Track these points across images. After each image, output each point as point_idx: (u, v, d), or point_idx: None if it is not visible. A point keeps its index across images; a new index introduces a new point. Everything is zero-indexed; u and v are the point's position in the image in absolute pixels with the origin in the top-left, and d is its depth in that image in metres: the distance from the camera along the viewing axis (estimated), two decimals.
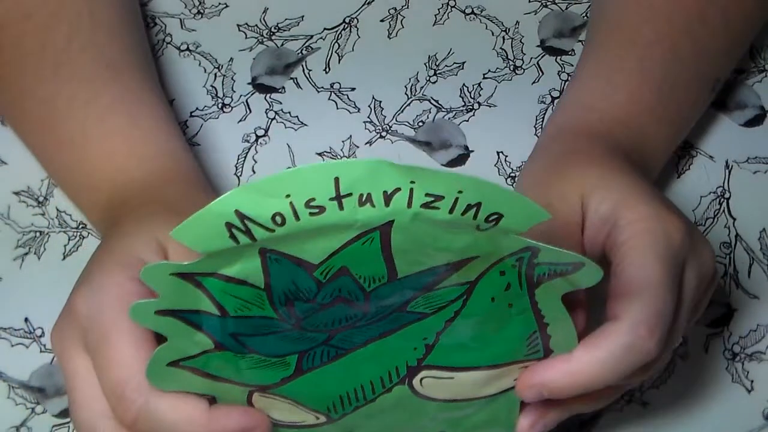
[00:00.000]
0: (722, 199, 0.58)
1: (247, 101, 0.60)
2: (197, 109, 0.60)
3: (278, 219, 0.34)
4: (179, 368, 0.39)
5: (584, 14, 0.63)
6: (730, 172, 0.59)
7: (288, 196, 0.33)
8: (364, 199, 0.33)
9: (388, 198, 0.34)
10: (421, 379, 0.41)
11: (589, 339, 0.41)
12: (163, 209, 0.46)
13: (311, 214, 0.34)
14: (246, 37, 0.62)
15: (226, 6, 0.63)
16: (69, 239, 0.56)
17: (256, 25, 0.62)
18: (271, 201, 0.33)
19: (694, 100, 0.56)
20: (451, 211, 0.34)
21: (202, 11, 0.63)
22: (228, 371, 0.39)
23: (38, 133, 0.52)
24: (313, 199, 0.33)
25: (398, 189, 0.33)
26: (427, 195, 0.34)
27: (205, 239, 0.34)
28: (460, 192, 0.34)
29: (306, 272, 0.36)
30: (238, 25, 0.62)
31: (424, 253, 0.36)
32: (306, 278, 0.36)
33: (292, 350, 0.39)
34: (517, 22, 0.63)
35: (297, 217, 0.34)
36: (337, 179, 0.33)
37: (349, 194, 0.33)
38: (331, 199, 0.33)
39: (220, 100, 0.60)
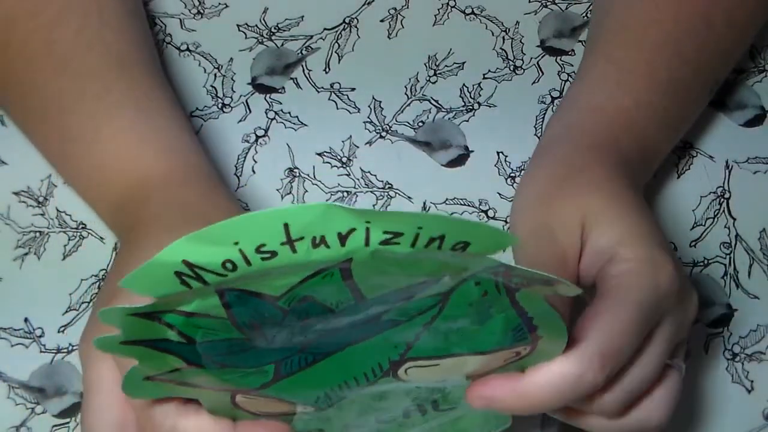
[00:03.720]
0: (722, 199, 0.58)
1: (247, 101, 0.60)
2: (197, 109, 0.60)
3: (229, 265, 0.33)
4: (156, 381, 0.38)
5: (584, 14, 0.63)
6: (730, 172, 0.59)
7: (236, 243, 0.32)
8: (317, 241, 0.33)
9: (343, 238, 0.33)
10: (406, 370, 0.40)
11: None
12: (185, 219, 0.46)
13: (263, 258, 0.33)
14: (246, 37, 0.62)
15: (226, 6, 0.63)
16: (69, 239, 0.56)
17: (256, 25, 0.62)
18: (219, 249, 0.33)
19: (694, 102, 0.56)
20: (412, 245, 0.33)
21: (202, 11, 0.63)
22: (207, 381, 0.39)
23: (47, 130, 0.52)
24: (264, 245, 0.33)
25: (353, 229, 0.33)
26: (385, 233, 0.33)
27: (155, 287, 0.34)
28: (420, 228, 0.33)
29: (268, 303, 0.36)
30: (238, 25, 0.62)
31: (391, 280, 0.35)
32: (269, 307, 0.36)
33: (268, 360, 0.38)
34: (517, 22, 0.63)
35: (248, 263, 0.33)
36: (286, 225, 0.32)
37: (301, 238, 0.32)
38: (282, 243, 0.33)
39: (220, 100, 0.60)
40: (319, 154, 0.59)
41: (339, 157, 0.58)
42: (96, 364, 0.42)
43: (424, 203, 0.57)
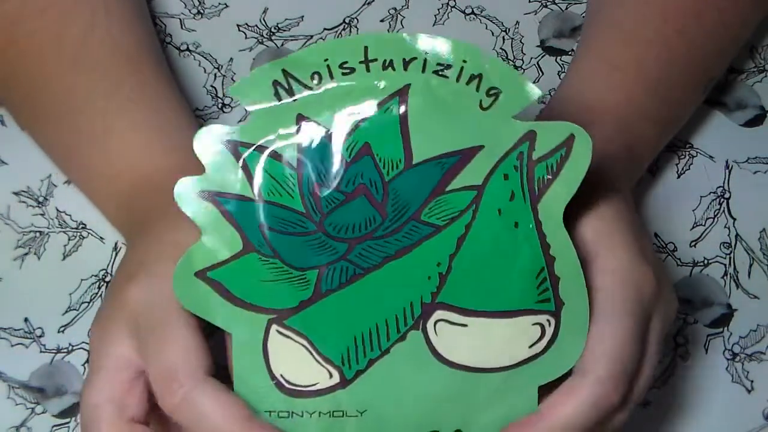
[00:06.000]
0: (722, 199, 0.58)
1: None
2: (197, 109, 0.60)
3: (316, 78, 0.42)
4: (204, 281, 0.42)
5: (584, 14, 0.63)
6: (730, 172, 0.59)
7: (326, 60, 0.42)
8: (387, 63, 0.42)
9: (406, 64, 0.42)
10: (435, 323, 0.43)
11: (558, 396, 0.42)
12: None
13: (343, 73, 0.42)
14: (246, 37, 0.62)
15: (226, 6, 0.63)
16: (69, 239, 0.56)
17: (256, 25, 0.62)
18: (312, 63, 0.42)
19: (687, 100, 0.56)
20: (457, 80, 0.42)
21: (202, 11, 0.63)
22: (250, 288, 0.42)
23: (56, 126, 0.52)
24: (346, 62, 0.42)
25: (415, 58, 0.42)
26: (438, 64, 0.42)
27: (253, 95, 0.42)
28: (464, 61, 0.41)
29: (333, 147, 0.42)
30: (238, 25, 0.62)
31: (436, 136, 0.42)
32: (333, 155, 0.42)
33: (313, 263, 0.42)
34: (517, 22, 0.63)
35: (331, 76, 0.42)
36: (366, 47, 0.41)
37: (375, 59, 0.42)
38: (361, 62, 0.42)
39: (220, 100, 0.60)
40: None
41: None
42: (106, 347, 0.43)
43: None
